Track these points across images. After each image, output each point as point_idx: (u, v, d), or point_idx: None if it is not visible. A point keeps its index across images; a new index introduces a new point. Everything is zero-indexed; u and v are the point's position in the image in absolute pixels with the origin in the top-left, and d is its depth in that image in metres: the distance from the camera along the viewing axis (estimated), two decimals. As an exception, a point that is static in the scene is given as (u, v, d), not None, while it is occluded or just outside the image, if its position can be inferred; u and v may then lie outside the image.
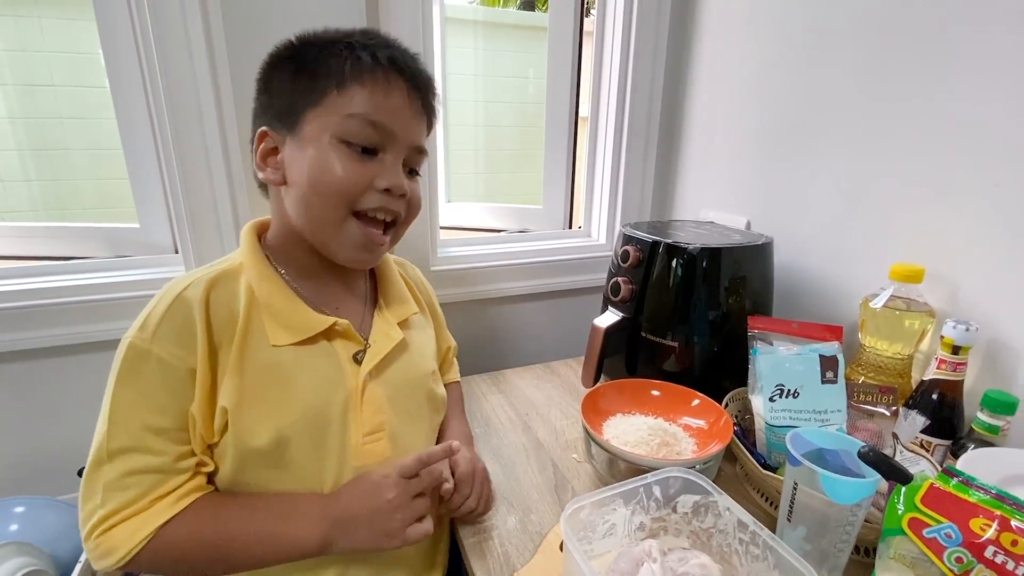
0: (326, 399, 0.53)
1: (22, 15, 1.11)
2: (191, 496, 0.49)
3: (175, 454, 0.48)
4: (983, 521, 0.40)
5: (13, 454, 0.87)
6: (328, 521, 0.50)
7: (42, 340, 0.82)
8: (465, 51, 1.70)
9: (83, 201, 1.22)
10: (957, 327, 0.61)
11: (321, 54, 0.51)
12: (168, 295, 0.49)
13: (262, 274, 0.53)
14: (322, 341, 0.54)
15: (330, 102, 0.50)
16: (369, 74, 0.51)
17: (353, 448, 0.54)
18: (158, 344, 0.47)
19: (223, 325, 0.50)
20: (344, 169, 0.50)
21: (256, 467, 0.51)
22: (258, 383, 0.50)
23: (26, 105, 1.11)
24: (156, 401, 0.47)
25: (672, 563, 0.50)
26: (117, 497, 0.46)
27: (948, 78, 0.68)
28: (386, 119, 0.51)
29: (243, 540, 0.49)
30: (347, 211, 0.52)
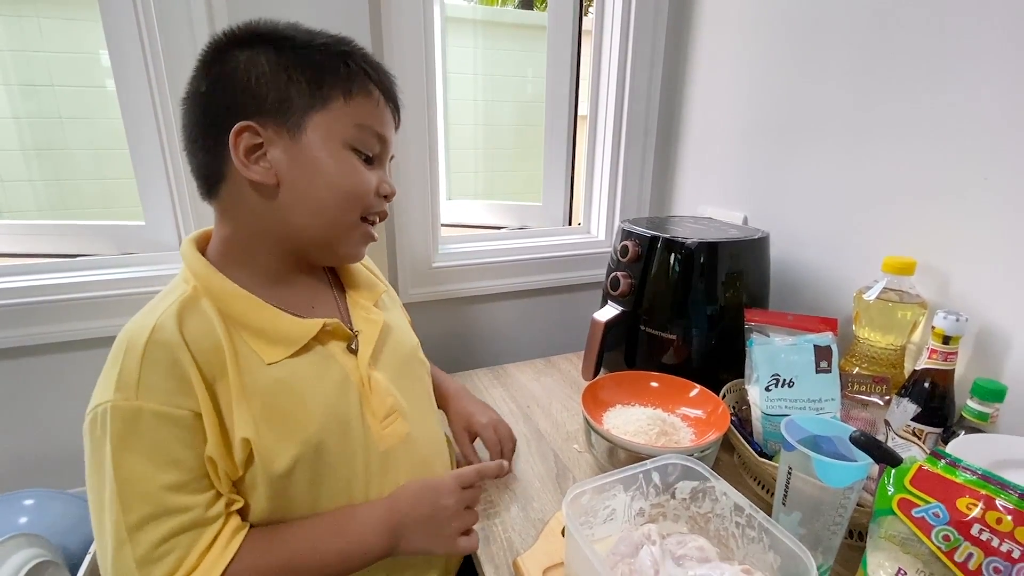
0: (339, 400, 0.52)
1: (24, 15, 1.12)
2: (237, 537, 0.46)
3: (203, 503, 0.45)
4: (969, 500, 0.42)
5: (22, 448, 0.88)
6: (390, 528, 0.52)
7: (51, 336, 0.84)
8: (465, 50, 1.72)
9: (84, 201, 1.23)
10: (948, 318, 0.63)
11: (318, 57, 0.50)
12: (135, 346, 0.44)
13: (227, 292, 0.49)
14: (316, 345, 0.52)
15: (337, 108, 0.50)
16: (371, 87, 0.53)
17: (376, 436, 0.54)
18: (146, 399, 0.42)
19: (209, 358, 0.46)
20: (361, 175, 0.53)
21: (291, 489, 0.50)
22: (268, 405, 0.48)
23: (27, 105, 1.12)
24: (165, 458, 0.43)
25: (671, 546, 0.52)
26: (159, 569, 0.42)
27: (938, 76, 0.70)
28: (384, 131, 0.54)
29: (310, 563, 0.48)
30: (359, 215, 0.54)
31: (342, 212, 0.53)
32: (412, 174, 1.01)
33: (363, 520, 0.52)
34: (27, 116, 1.13)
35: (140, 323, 0.46)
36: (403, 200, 1.02)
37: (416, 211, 1.03)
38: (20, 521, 0.79)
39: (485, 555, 0.57)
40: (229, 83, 0.48)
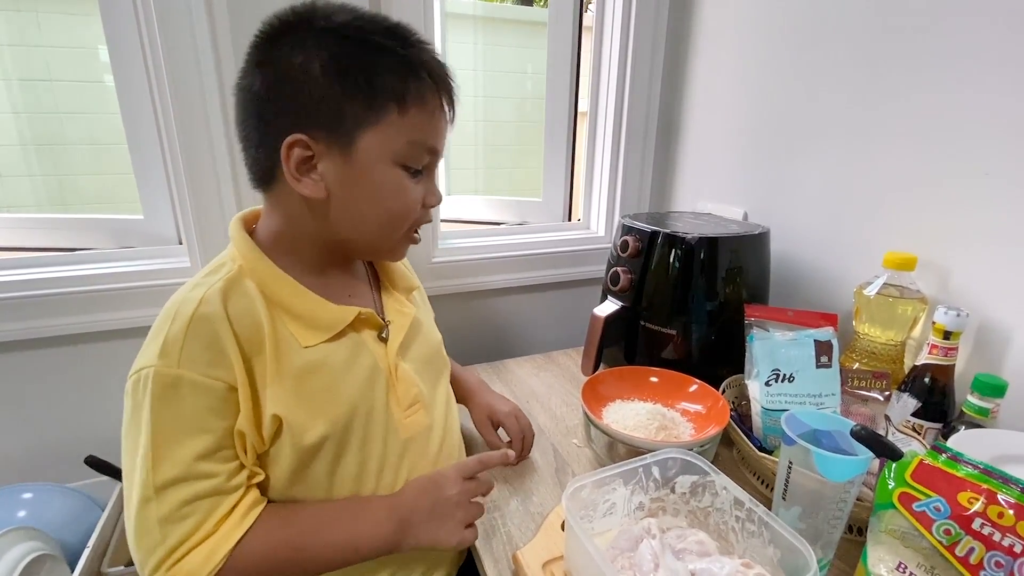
0: (368, 386, 0.54)
1: (22, 10, 1.11)
2: (254, 510, 0.48)
3: (227, 473, 0.47)
4: (970, 494, 0.41)
5: (21, 441, 0.88)
6: (395, 521, 0.52)
7: (50, 329, 0.83)
8: (464, 46, 1.71)
9: (82, 196, 1.23)
10: (948, 313, 0.63)
11: (375, 62, 0.47)
12: (182, 315, 0.46)
13: (270, 275, 0.51)
14: (350, 332, 0.55)
15: (390, 122, 0.48)
16: (427, 96, 0.50)
17: (398, 424, 0.56)
18: (187, 368, 0.45)
19: (250, 335, 0.48)
20: (408, 195, 0.53)
21: (315, 462, 0.51)
22: (303, 386, 0.50)
23: (26, 99, 1.12)
24: (198, 426, 0.45)
25: (671, 540, 0.52)
26: (178, 529, 0.44)
27: (938, 71, 0.70)
28: (437, 142, 0.53)
29: (317, 548, 0.50)
30: (407, 230, 0.55)
31: (388, 230, 0.54)
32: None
33: (371, 510, 0.53)
34: (26, 111, 1.12)
35: (188, 295, 0.48)
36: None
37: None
38: (19, 515, 0.79)
39: (485, 548, 0.57)
40: (283, 90, 0.48)
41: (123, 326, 0.86)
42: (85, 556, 0.75)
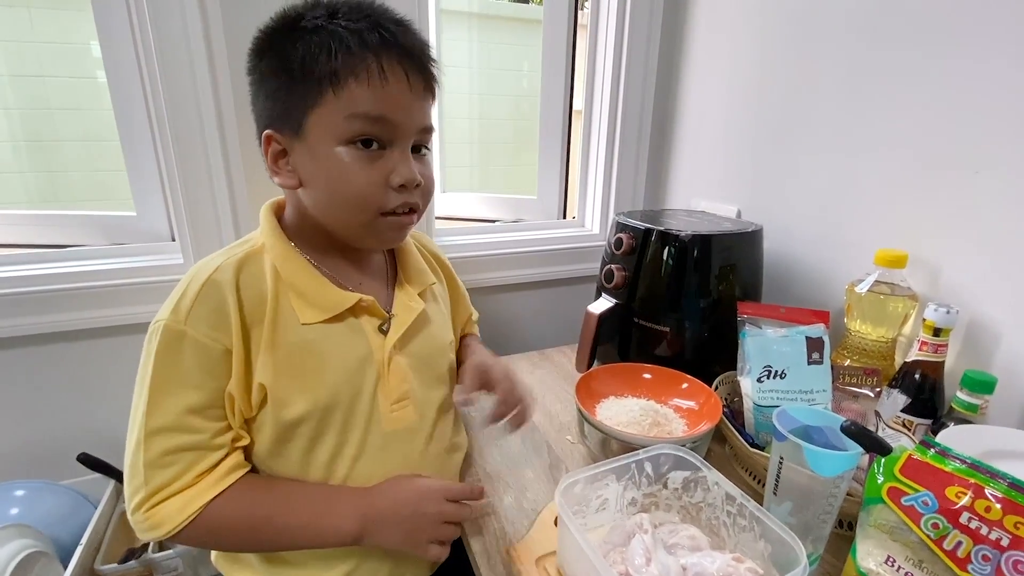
0: (357, 373, 0.55)
1: (14, 5, 1.10)
2: (234, 474, 0.51)
3: (212, 431, 0.50)
4: (958, 489, 0.42)
5: (13, 439, 0.87)
6: (364, 519, 0.53)
7: (42, 326, 0.83)
8: (460, 43, 1.71)
9: (74, 193, 1.22)
10: (938, 310, 0.64)
11: (307, 48, 0.48)
12: (198, 279, 0.50)
13: (285, 255, 0.54)
14: (349, 317, 0.55)
15: (329, 102, 0.48)
16: (362, 64, 0.47)
17: (383, 416, 0.56)
18: (192, 326, 0.48)
19: (254, 305, 0.51)
20: (359, 175, 0.49)
21: (294, 438, 0.53)
22: (292, 360, 0.51)
23: (17, 96, 1.11)
24: (192, 381, 0.48)
25: (663, 535, 0.52)
26: (160, 475, 0.48)
27: (929, 71, 0.70)
28: (389, 111, 0.49)
29: (282, 525, 0.52)
30: (373, 214, 0.52)
31: (350, 214, 0.52)
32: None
33: (342, 503, 0.53)
34: (17, 107, 1.12)
35: (210, 263, 0.52)
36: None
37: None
38: (11, 512, 0.79)
39: (478, 544, 0.57)
40: (256, 93, 0.53)
41: (115, 323, 0.86)
42: (78, 553, 0.75)
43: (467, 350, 0.75)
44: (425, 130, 0.54)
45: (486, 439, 0.75)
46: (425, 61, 0.51)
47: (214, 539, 0.52)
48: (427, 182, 0.55)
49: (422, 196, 0.55)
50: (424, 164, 0.55)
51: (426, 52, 0.52)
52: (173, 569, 0.83)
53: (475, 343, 0.78)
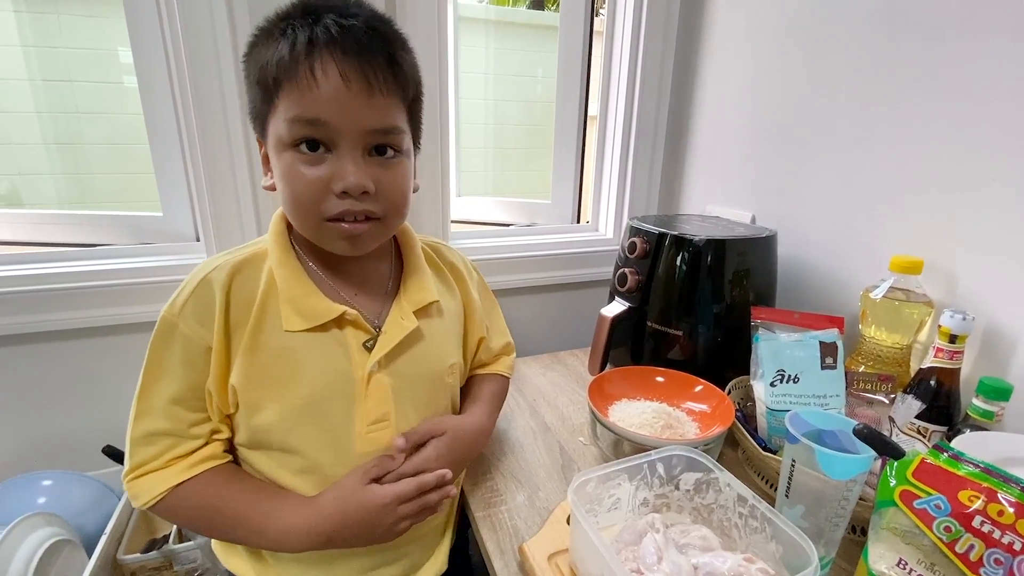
0: (330, 387, 0.53)
1: (44, 11, 1.14)
2: (206, 464, 0.53)
3: (189, 421, 0.52)
4: (971, 493, 0.42)
5: (41, 430, 0.90)
6: (313, 536, 0.52)
7: (70, 322, 0.86)
8: (476, 50, 1.73)
9: (99, 194, 1.26)
10: (954, 316, 0.63)
11: (260, 54, 0.48)
12: (196, 276, 0.52)
13: (281, 260, 0.54)
14: (333, 329, 0.54)
15: (277, 107, 0.48)
16: (295, 67, 0.46)
17: (357, 436, 0.54)
18: (183, 321, 0.50)
19: (241, 308, 0.51)
20: (300, 180, 0.48)
21: (265, 444, 0.54)
22: (268, 366, 0.52)
23: (50, 100, 1.15)
24: (175, 372, 0.51)
25: (674, 535, 0.52)
26: (141, 452, 0.51)
27: (947, 77, 0.70)
28: (323, 113, 0.46)
29: (233, 523, 0.52)
30: (317, 219, 0.50)
31: (298, 219, 0.52)
32: (424, 172, 1.02)
33: (290, 511, 0.52)
34: (49, 111, 1.15)
35: (213, 261, 0.53)
36: (414, 196, 1.03)
37: (427, 208, 1.05)
38: (39, 501, 0.81)
39: (491, 541, 0.58)
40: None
41: (141, 320, 0.89)
42: (102, 543, 0.77)
43: (467, 396, 0.68)
44: (381, 132, 0.49)
45: (497, 439, 0.76)
46: (373, 56, 0.47)
47: (179, 519, 0.55)
48: (387, 190, 0.51)
49: (380, 204, 0.51)
50: (387, 169, 0.51)
51: (377, 48, 0.47)
52: (192, 561, 0.85)
53: (484, 388, 0.69)
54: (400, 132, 0.51)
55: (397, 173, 0.52)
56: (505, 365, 0.74)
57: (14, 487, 0.83)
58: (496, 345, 0.73)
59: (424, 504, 0.54)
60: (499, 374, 0.73)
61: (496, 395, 0.71)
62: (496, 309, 0.75)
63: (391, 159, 0.51)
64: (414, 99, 0.54)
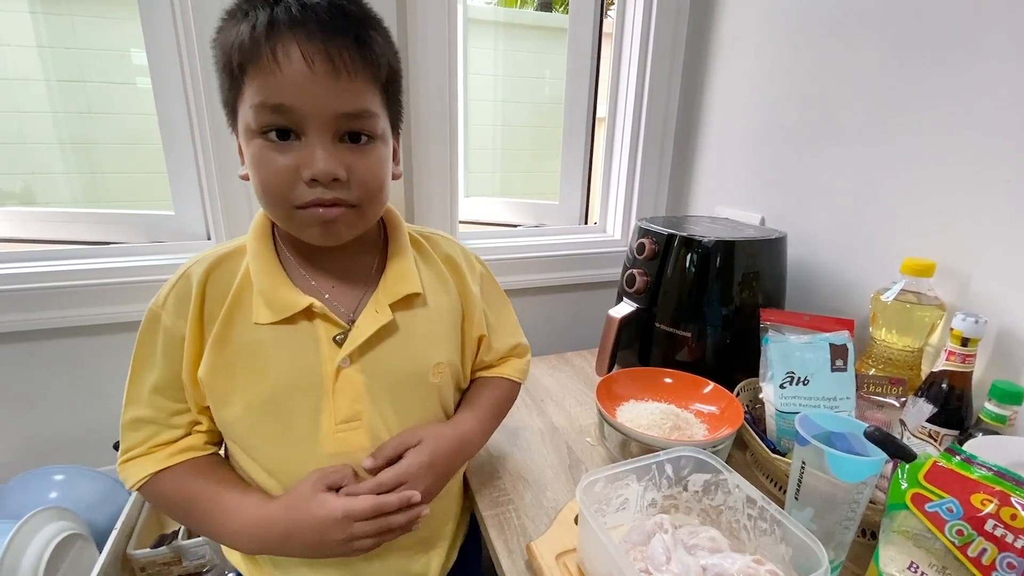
0: (295, 382, 0.52)
1: (59, 13, 1.16)
2: (186, 454, 0.54)
3: (169, 411, 0.53)
4: (984, 496, 0.42)
5: (54, 425, 0.91)
6: (260, 541, 0.51)
7: (84, 318, 0.87)
8: (485, 51, 1.74)
9: (110, 194, 1.27)
10: (967, 320, 0.63)
11: (224, 40, 0.46)
12: (180, 270, 0.53)
13: (256, 252, 0.53)
14: (303, 322, 0.52)
15: (243, 94, 0.46)
16: (257, 51, 0.44)
17: (325, 435, 0.52)
18: (165, 312, 0.51)
19: (215, 301, 0.51)
20: (267, 167, 0.47)
21: (234, 437, 0.54)
22: (235, 359, 0.51)
23: (64, 100, 1.16)
24: (157, 362, 0.52)
25: (683, 536, 0.52)
26: (128, 437, 0.53)
27: (959, 77, 0.70)
28: (285, 97, 0.44)
29: (202, 516, 0.53)
30: (288, 208, 0.48)
31: (269, 208, 0.50)
32: (433, 172, 1.03)
33: (244, 512, 0.51)
34: (64, 111, 1.17)
35: (198, 256, 0.54)
36: (423, 196, 1.04)
37: (436, 208, 1.05)
38: (50, 495, 0.82)
39: (499, 539, 0.58)
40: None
41: (153, 317, 0.89)
42: (112, 537, 0.78)
43: (463, 401, 0.65)
44: (351, 116, 0.47)
45: (504, 440, 0.76)
46: (336, 39, 0.45)
47: (160, 506, 0.56)
48: (360, 177, 0.48)
49: (353, 191, 0.49)
50: (360, 155, 0.48)
51: (339, 29, 0.45)
52: (201, 556, 0.85)
53: (480, 393, 0.65)
54: (372, 116, 0.48)
55: (371, 159, 0.49)
56: (513, 368, 0.69)
57: (26, 481, 0.84)
58: (502, 345, 0.68)
59: (386, 526, 0.50)
60: (503, 377, 0.68)
61: (494, 401, 0.65)
62: (505, 307, 0.70)
63: (364, 144, 0.49)
64: (388, 80, 0.50)
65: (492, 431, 0.65)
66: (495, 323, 0.67)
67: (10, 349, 0.86)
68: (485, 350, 0.66)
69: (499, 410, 0.66)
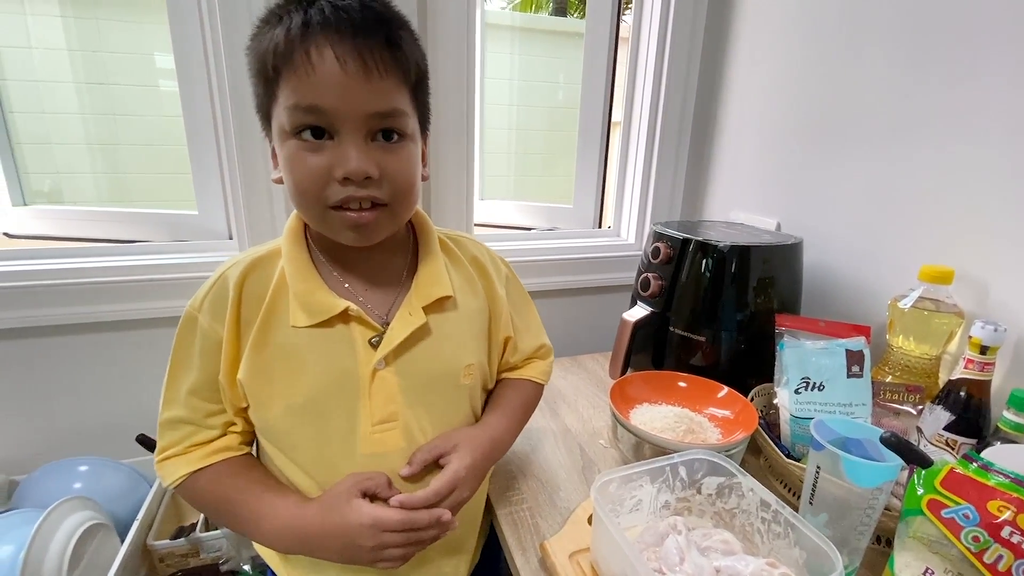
0: (334, 384, 0.53)
1: (85, 17, 1.19)
2: (222, 454, 0.55)
3: (204, 411, 0.54)
4: (1000, 503, 0.42)
5: (79, 418, 0.94)
6: (293, 539, 0.51)
7: (109, 314, 0.89)
8: (502, 56, 1.75)
9: (134, 195, 1.30)
10: (986, 327, 0.62)
11: (259, 45, 0.48)
12: (217, 272, 0.54)
13: (291, 256, 0.54)
14: (339, 325, 0.53)
15: (278, 96, 0.47)
16: (291, 54, 0.45)
17: (362, 436, 0.53)
18: (202, 315, 0.52)
19: (252, 304, 0.52)
20: (301, 167, 0.48)
21: (273, 439, 0.55)
22: (273, 362, 0.52)
23: (92, 102, 1.19)
24: (194, 363, 0.53)
25: (696, 538, 0.53)
26: (165, 436, 0.55)
27: (978, 81, 0.69)
28: (319, 99, 0.45)
29: (234, 517, 0.54)
30: (321, 208, 0.49)
31: (303, 208, 0.51)
32: (449, 175, 1.04)
33: (279, 513, 0.52)
34: (92, 112, 1.20)
35: (234, 258, 0.55)
36: (439, 198, 1.05)
37: (451, 209, 1.06)
38: (75, 486, 0.84)
39: (513, 538, 0.59)
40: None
41: (175, 314, 0.90)
42: (134, 528, 0.80)
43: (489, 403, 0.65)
44: (382, 115, 0.48)
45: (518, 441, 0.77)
46: (368, 40, 0.46)
47: (197, 505, 0.57)
48: (391, 175, 0.49)
49: (385, 189, 0.49)
50: (391, 154, 0.49)
51: (371, 29, 0.46)
52: (217, 549, 0.87)
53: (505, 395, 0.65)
54: (403, 115, 0.49)
55: (402, 157, 0.50)
56: (537, 370, 0.69)
57: (52, 472, 0.86)
58: (527, 346, 0.68)
59: (415, 539, 0.50)
60: (527, 379, 0.68)
61: (520, 403, 0.66)
62: (529, 307, 0.71)
63: (396, 143, 0.50)
64: (417, 81, 0.51)
65: (519, 433, 0.65)
66: (520, 324, 0.68)
67: (37, 343, 0.89)
68: (511, 351, 0.67)
69: (525, 412, 0.67)
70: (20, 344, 0.88)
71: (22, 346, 0.88)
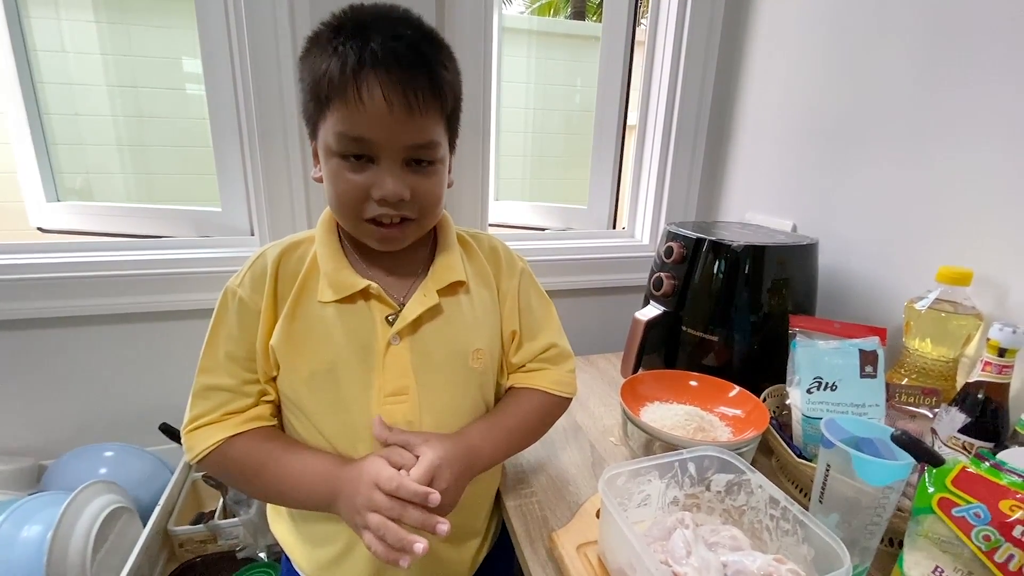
0: (354, 355, 0.57)
1: (115, 22, 1.23)
2: (255, 423, 0.58)
3: (242, 379, 0.57)
4: (1012, 502, 0.41)
5: (105, 406, 0.97)
6: (329, 491, 0.54)
7: (135, 306, 0.93)
8: (519, 60, 1.77)
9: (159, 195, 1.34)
10: (1004, 330, 0.62)
11: (313, 66, 0.52)
12: (255, 254, 0.60)
13: (323, 240, 0.60)
14: (360, 301, 0.58)
15: (327, 118, 0.52)
16: (344, 87, 0.50)
17: (375, 406, 0.57)
18: (242, 289, 0.57)
19: (287, 280, 0.58)
20: (345, 184, 0.53)
21: (297, 405, 0.58)
22: (302, 331, 0.57)
23: (123, 104, 1.24)
24: (234, 333, 0.57)
25: (704, 534, 0.53)
26: (199, 405, 0.57)
27: (997, 82, 0.69)
28: (366, 131, 0.51)
29: (272, 477, 0.56)
30: (357, 219, 0.55)
31: (340, 214, 0.57)
32: (464, 177, 1.06)
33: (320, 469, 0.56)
34: (123, 115, 1.25)
35: (272, 244, 0.60)
36: (455, 199, 1.07)
37: (467, 211, 1.08)
38: (100, 471, 0.88)
39: (522, 529, 0.59)
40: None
41: (198, 307, 0.95)
42: (156, 513, 0.82)
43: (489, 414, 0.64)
44: (419, 146, 0.53)
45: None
46: (413, 80, 0.50)
47: (225, 474, 0.59)
48: (420, 195, 0.55)
49: (415, 208, 0.55)
50: (423, 177, 0.55)
51: (418, 73, 0.51)
52: (234, 536, 0.89)
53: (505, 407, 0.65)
54: (436, 145, 0.55)
55: (432, 180, 0.56)
56: (549, 379, 0.66)
57: (79, 456, 0.90)
58: (536, 345, 0.66)
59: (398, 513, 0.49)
60: (536, 389, 0.65)
61: (518, 419, 0.64)
62: (544, 306, 0.70)
63: (426, 168, 0.55)
64: (453, 110, 0.57)
65: (510, 449, 0.63)
66: (529, 321, 0.67)
67: (66, 333, 0.93)
68: (515, 348, 0.66)
69: (523, 427, 0.64)
70: (51, 334, 0.92)
71: (52, 335, 0.92)
